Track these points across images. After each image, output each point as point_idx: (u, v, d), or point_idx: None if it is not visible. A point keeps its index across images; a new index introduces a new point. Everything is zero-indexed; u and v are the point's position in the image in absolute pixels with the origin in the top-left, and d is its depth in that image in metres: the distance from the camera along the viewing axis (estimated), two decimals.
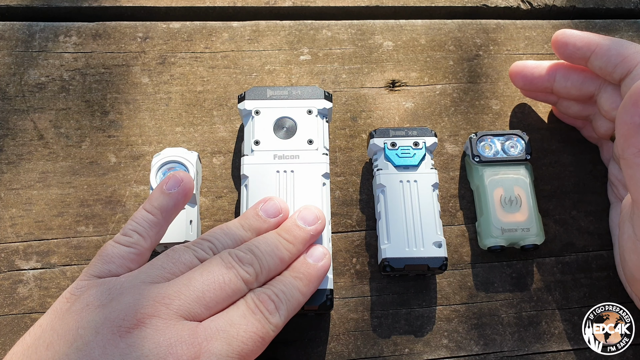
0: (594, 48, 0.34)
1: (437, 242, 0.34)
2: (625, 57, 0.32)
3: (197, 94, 0.41)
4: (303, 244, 0.31)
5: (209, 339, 0.25)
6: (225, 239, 0.30)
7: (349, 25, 0.44)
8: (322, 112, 0.37)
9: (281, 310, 0.28)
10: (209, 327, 0.26)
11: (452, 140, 0.41)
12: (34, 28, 0.42)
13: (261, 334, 0.27)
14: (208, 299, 0.27)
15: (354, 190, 0.39)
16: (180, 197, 0.31)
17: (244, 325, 0.26)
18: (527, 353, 0.35)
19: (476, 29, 0.45)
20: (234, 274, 0.28)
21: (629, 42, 0.33)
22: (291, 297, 0.29)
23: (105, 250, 0.29)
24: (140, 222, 0.30)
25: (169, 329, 0.25)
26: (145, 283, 0.27)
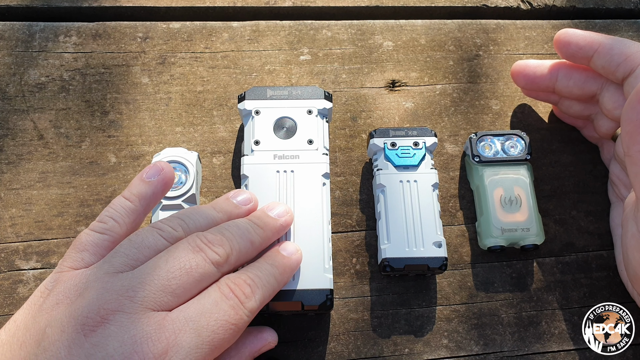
0: (597, 47, 0.34)
1: (437, 242, 0.34)
2: (628, 56, 0.32)
3: (197, 94, 0.41)
4: (273, 233, 0.31)
5: (177, 331, 0.24)
6: (197, 216, 0.29)
7: (349, 25, 0.44)
8: (322, 112, 0.37)
9: (257, 294, 0.27)
10: (177, 318, 0.25)
11: (452, 140, 0.41)
12: (34, 28, 0.42)
13: (234, 321, 0.26)
14: (175, 286, 0.26)
15: (354, 190, 0.39)
16: (159, 186, 0.30)
17: (215, 313, 0.25)
18: (527, 353, 0.35)
19: (476, 29, 0.45)
20: (202, 257, 0.27)
21: (632, 42, 0.33)
22: (267, 282, 0.28)
23: (79, 239, 0.28)
24: (116, 209, 0.29)
25: (133, 324, 0.24)
26: (108, 274, 0.26)
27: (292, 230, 0.33)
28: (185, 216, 0.29)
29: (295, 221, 0.33)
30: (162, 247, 0.27)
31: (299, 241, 0.33)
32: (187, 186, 0.34)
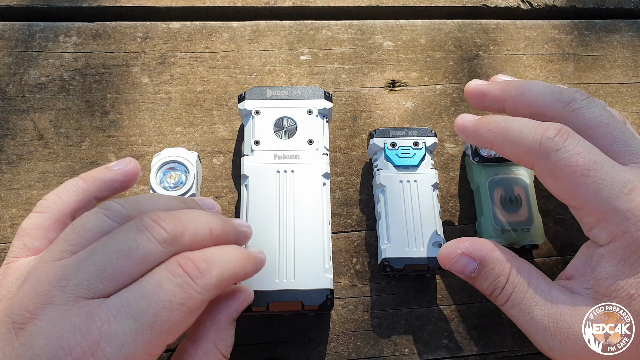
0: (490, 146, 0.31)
1: (437, 242, 0.34)
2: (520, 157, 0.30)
3: (197, 94, 0.41)
4: (233, 231, 0.28)
5: (112, 319, 0.22)
6: (155, 199, 0.27)
7: (349, 25, 0.44)
8: (322, 112, 0.37)
9: (214, 270, 0.24)
10: (113, 304, 0.22)
11: (452, 140, 0.41)
12: (34, 28, 0.42)
13: (180, 301, 0.23)
14: (111, 271, 0.23)
15: (354, 190, 0.39)
16: (118, 175, 0.29)
17: (157, 294, 0.22)
18: (527, 353, 0.35)
19: (476, 29, 0.45)
20: (146, 236, 0.23)
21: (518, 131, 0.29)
22: (227, 261, 0.25)
23: (21, 225, 0.26)
24: (65, 186, 0.27)
25: (62, 318, 0.22)
26: (46, 263, 0.24)
27: (292, 230, 0.33)
28: (142, 197, 0.26)
29: (295, 221, 0.33)
30: (107, 228, 0.25)
31: (299, 241, 0.33)
32: (187, 186, 0.34)
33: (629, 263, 0.27)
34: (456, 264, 0.29)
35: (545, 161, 0.28)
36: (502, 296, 0.29)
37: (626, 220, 0.26)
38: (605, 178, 0.27)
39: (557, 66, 0.44)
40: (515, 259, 0.29)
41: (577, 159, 0.27)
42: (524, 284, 0.28)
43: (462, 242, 0.30)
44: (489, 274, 0.29)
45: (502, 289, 0.29)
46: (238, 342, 0.34)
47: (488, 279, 0.29)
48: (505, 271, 0.29)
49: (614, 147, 0.29)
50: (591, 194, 0.27)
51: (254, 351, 0.34)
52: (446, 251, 0.30)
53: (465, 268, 0.29)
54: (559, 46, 0.45)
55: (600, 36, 0.45)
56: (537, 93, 0.31)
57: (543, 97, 0.31)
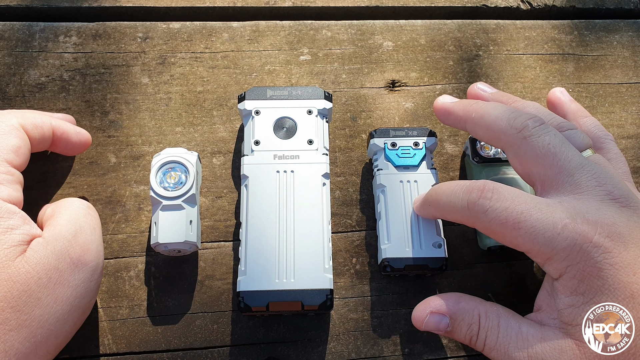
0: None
1: (437, 242, 0.34)
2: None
3: (197, 94, 0.41)
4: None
5: None
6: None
7: (349, 25, 0.44)
8: (322, 112, 0.37)
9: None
10: None
11: (452, 140, 0.41)
12: (34, 28, 0.42)
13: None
14: None
15: (354, 190, 0.39)
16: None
17: None
18: None
19: (476, 29, 0.45)
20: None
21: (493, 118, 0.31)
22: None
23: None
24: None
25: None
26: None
27: (292, 230, 0.33)
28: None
29: (295, 221, 0.33)
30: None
31: (299, 241, 0.33)
32: (187, 186, 0.34)
33: (580, 292, 0.28)
34: (429, 323, 0.30)
35: (479, 223, 0.30)
36: (479, 343, 0.30)
37: (566, 256, 0.28)
38: (535, 225, 0.28)
39: (557, 66, 0.44)
40: (482, 304, 0.30)
41: (506, 215, 0.28)
42: (494, 327, 0.30)
43: (428, 302, 0.31)
44: (461, 325, 0.30)
45: (477, 335, 0.30)
46: (238, 342, 0.34)
47: (462, 330, 0.30)
48: (475, 319, 0.30)
49: (557, 178, 0.30)
50: (528, 243, 0.28)
51: (254, 351, 0.34)
52: (417, 314, 0.31)
53: (438, 325, 0.30)
54: (559, 46, 0.45)
55: (600, 36, 0.46)
56: (494, 118, 0.32)
57: (499, 123, 0.31)
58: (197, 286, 0.35)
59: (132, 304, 0.35)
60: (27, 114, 0.33)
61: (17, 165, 0.31)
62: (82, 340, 0.33)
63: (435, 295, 0.31)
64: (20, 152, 0.31)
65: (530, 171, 0.31)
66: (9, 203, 0.29)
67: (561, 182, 0.29)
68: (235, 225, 0.37)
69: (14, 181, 0.31)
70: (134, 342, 0.34)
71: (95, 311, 0.34)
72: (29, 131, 0.32)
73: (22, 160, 0.32)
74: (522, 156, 0.30)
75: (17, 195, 0.31)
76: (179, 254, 0.35)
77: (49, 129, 0.34)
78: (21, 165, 0.32)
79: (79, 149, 0.36)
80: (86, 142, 0.36)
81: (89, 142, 0.36)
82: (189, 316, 0.35)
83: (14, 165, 0.31)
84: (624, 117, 0.43)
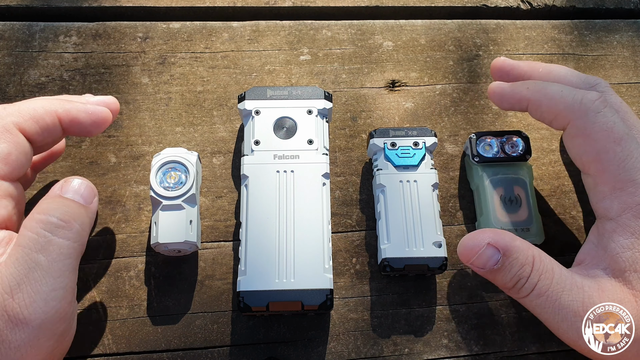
0: (525, 105, 0.32)
1: (437, 242, 0.34)
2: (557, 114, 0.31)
3: (197, 94, 0.41)
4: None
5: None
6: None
7: (349, 25, 0.44)
8: (322, 112, 0.37)
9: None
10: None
11: (452, 140, 0.41)
12: (34, 28, 0.42)
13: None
14: None
15: (354, 190, 0.39)
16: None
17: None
18: (527, 353, 0.35)
19: (476, 29, 0.45)
20: None
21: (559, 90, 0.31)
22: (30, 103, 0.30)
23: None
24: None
25: None
26: None
27: (292, 230, 0.33)
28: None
29: (295, 221, 0.33)
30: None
31: (299, 241, 0.33)
32: (187, 186, 0.34)
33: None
34: (482, 256, 0.28)
35: (582, 120, 0.29)
36: (528, 286, 0.28)
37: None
38: (632, 151, 0.28)
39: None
40: (535, 248, 0.29)
41: (613, 126, 0.29)
42: (549, 272, 0.28)
43: (484, 233, 0.29)
44: (513, 264, 0.28)
45: (528, 278, 0.28)
46: (238, 342, 0.34)
47: (512, 270, 0.28)
48: (529, 260, 0.28)
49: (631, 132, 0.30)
50: (616, 162, 0.28)
51: (254, 351, 0.34)
52: (470, 243, 0.29)
53: (489, 260, 0.28)
54: (559, 46, 0.45)
55: (600, 36, 0.45)
56: (564, 73, 0.33)
57: (570, 77, 0.32)
58: (197, 286, 0.35)
59: (132, 304, 0.35)
60: (24, 106, 0.29)
61: (5, 175, 0.28)
62: (82, 340, 0.33)
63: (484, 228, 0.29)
64: (10, 160, 0.28)
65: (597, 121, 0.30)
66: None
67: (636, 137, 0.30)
68: (235, 225, 0.37)
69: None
70: (134, 342, 0.34)
71: (96, 311, 0.34)
72: (27, 129, 0.29)
73: (12, 168, 0.28)
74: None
75: (0, 213, 0.27)
76: (179, 254, 0.35)
77: (52, 118, 0.30)
78: (12, 173, 0.28)
79: (97, 129, 0.31)
80: (104, 120, 0.31)
81: (107, 119, 0.31)
82: (189, 316, 0.35)
83: (1, 176, 0.28)
84: None
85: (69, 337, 0.27)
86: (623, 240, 0.27)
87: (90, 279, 0.35)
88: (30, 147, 0.30)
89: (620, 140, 0.28)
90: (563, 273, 0.28)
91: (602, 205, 0.29)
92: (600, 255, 0.29)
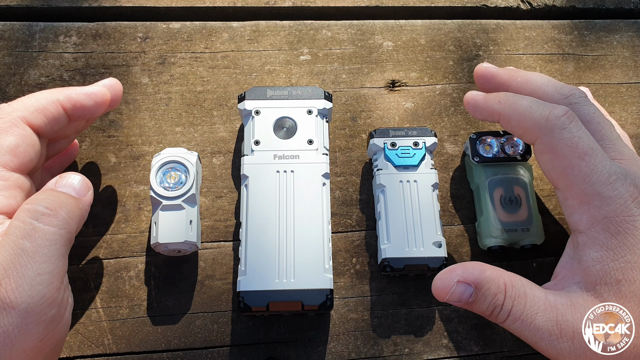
0: (497, 118, 0.32)
1: (437, 242, 0.34)
2: (525, 129, 0.31)
3: (197, 94, 0.41)
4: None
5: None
6: None
7: (349, 25, 0.44)
8: (322, 112, 0.37)
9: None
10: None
11: (452, 140, 0.41)
12: (34, 28, 0.42)
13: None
14: None
15: (354, 190, 0.39)
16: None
17: None
18: (527, 353, 0.35)
19: (476, 29, 0.45)
20: None
21: (528, 105, 0.31)
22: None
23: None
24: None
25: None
26: None
27: (292, 230, 0.33)
28: None
29: (295, 221, 0.33)
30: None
31: (299, 241, 0.33)
32: (187, 186, 0.34)
33: (611, 247, 0.28)
34: (454, 293, 0.29)
35: (548, 137, 0.29)
36: (503, 313, 0.29)
37: (607, 205, 0.28)
38: (597, 165, 0.28)
39: (557, 66, 0.44)
40: (506, 273, 0.30)
41: (578, 141, 0.29)
42: (521, 296, 0.29)
43: (453, 270, 0.29)
44: (486, 295, 0.29)
45: (502, 306, 0.29)
46: (238, 342, 0.34)
47: (486, 300, 0.29)
48: (501, 288, 0.29)
49: (601, 143, 0.31)
50: (581, 177, 0.29)
51: (254, 351, 0.34)
52: (441, 284, 0.29)
53: (462, 295, 0.29)
54: (559, 46, 0.45)
55: (600, 36, 0.45)
56: (540, 83, 0.33)
57: (545, 88, 0.32)
58: (197, 286, 0.35)
59: (132, 304, 0.35)
60: (27, 101, 0.31)
61: (15, 167, 0.29)
62: (82, 340, 0.33)
63: (455, 264, 0.30)
64: (18, 152, 0.29)
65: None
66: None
67: (605, 147, 0.31)
68: (235, 225, 0.37)
69: (7, 187, 0.28)
70: (134, 342, 0.34)
71: (96, 311, 0.34)
72: (33, 121, 0.30)
73: (21, 161, 0.29)
74: None
75: (9, 203, 0.28)
76: (179, 254, 0.35)
77: (56, 106, 0.31)
78: (22, 165, 0.29)
79: (99, 108, 0.32)
80: (103, 98, 0.32)
81: (106, 97, 0.33)
82: (189, 316, 0.35)
83: (10, 168, 0.29)
84: (624, 117, 0.43)
85: (61, 327, 0.27)
86: (593, 253, 0.28)
87: (90, 279, 0.35)
88: (38, 140, 0.31)
89: (584, 155, 0.29)
90: (536, 295, 0.29)
91: (573, 219, 0.30)
92: (575, 268, 0.29)
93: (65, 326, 0.27)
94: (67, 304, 0.27)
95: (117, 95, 0.34)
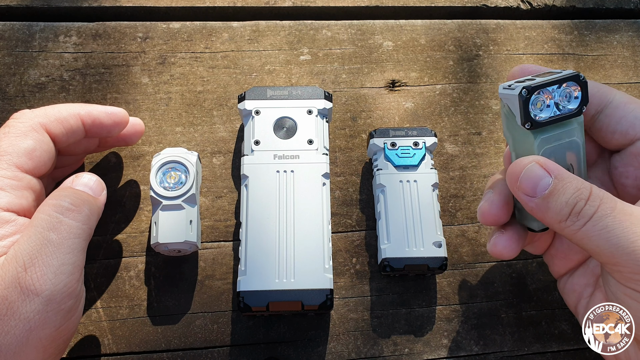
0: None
1: (437, 242, 0.34)
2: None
3: (197, 94, 0.41)
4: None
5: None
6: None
7: (349, 25, 0.44)
8: (322, 112, 0.37)
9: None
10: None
11: (452, 140, 0.41)
12: (34, 28, 0.42)
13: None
14: None
15: (354, 190, 0.39)
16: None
17: None
18: (527, 353, 0.35)
19: (476, 29, 0.45)
20: None
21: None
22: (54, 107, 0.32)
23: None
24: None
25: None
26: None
27: (292, 230, 0.33)
28: None
29: (295, 221, 0.33)
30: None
31: (299, 241, 0.33)
32: (187, 186, 0.34)
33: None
34: (530, 178, 0.25)
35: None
36: (586, 211, 0.24)
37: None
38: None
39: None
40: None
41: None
42: (610, 199, 0.25)
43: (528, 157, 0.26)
44: (567, 187, 0.25)
45: (587, 200, 0.24)
46: (238, 342, 0.34)
47: (566, 193, 0.25)
48: (585, 184, 0.25)
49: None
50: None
51: (254, 351, 0.34)
52: (519, 163, 0.26)
53: (539, 182, 0.25)
54: (559, 46, 0.45)
55: (600, 36, 0.45)
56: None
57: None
58: (197, 286, 0.35)
59: (132, 304, 0.35)
60: (50, 109, 0.32)
61: (29, 169, 0.30)
62: (82, 340, 0.33)
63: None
64: (34, 155, 0.30)
65: None
66: (7, 211, 0.28)
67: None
68: (235, 225, 0.37)
69: (20, 187, 0.29)
70: (134, 342, 0.34)
71: (96, 311, 0.34)
72: (53, 129, 0.31)
73: (36, 164, 0.30)
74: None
75: (20, 203, 0.29)
76: (179, 254, 0.35)
77: (76, 119, 0.32)
78: (35, 168, 0.30)
79: (117, 127, 0.34)
80: (121, 119, 0.34)
81: (124, 118, 0.34)
82: (189, 316, 0.35)
83: (25, 170, 0.29)
84: None
85: (75, 319, 0.28)
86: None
87: (90, 279, 0.35)
88: (54, 147, 0.32)
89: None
90: (625, 203, 0.25)
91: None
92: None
93: (78, 319, 0.28)
94: (82, 297, 0.29)
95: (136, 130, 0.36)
